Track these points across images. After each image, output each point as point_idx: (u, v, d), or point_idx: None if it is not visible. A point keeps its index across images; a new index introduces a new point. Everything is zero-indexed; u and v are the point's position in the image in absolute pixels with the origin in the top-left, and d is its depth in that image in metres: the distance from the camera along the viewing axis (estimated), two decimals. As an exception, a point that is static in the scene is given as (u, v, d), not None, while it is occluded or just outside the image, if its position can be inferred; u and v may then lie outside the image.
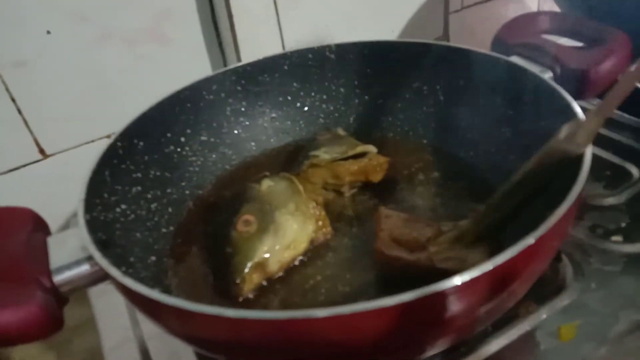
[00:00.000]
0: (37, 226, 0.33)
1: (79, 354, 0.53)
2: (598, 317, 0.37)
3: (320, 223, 0.41)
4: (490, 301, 0.26)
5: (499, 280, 0.25)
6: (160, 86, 0.47)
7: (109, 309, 0.44)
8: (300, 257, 0.40)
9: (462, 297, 0.25)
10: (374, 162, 0.46)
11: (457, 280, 0.23)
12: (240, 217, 0.39)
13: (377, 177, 0.46)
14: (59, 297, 0.29)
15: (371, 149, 0.47)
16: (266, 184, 0.42)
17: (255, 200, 0.41)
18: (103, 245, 0.32)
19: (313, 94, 0.54)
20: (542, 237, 0.25)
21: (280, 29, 0.60)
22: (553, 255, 0.30)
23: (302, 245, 0.39)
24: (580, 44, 0.48)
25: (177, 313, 0.25)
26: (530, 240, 0.25)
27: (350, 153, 0.46)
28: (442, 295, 0.24)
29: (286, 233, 0.38)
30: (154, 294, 0.25)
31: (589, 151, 0.31)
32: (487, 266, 0.24)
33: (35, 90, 0.52)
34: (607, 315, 0.37)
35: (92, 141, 0.57)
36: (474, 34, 0.78)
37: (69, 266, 0.30)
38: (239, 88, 0.51)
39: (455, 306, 0.25)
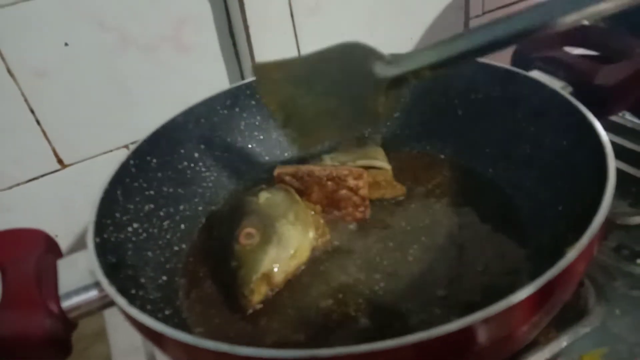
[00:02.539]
0: (49, 248, 0.33)
1: (95, 361, 0.54)
2: (624, 345, 0.35)
3: (319, 231, 0.41)
4: (510, 335, 0.25)
5: (520, 314, 0.24)
6: (179, 95, 0.47)
7: (122, 322, 0.44)
8: (302, 266, 0.40)
9: (480, 333, 0.24)
10: (371, 178, 0.45)
11: (475, 317, 0.22)
12: (242, 230, 0.39)
13: (373, 194, 0.45)
14: (67, 323, 0.29)
15: (377, 164, 0.46)
16: (264, 196, 0.42)
17: (255, 212, 0.41)
18: (113, 268, 0.32)
19: (328, 107, 0.53)
20: (565, 270, 0.24)
21: (296, 38, 0.59)
22: (576, 285, 0.29)
23: (305, 253, 0.39)
24: (605, 57, 0.46)
25: (181, 346, 0.25)
26: (552, 272, 0.24)
27: (359, 163, 0.46)
28: (454, 335, 0.23)
29: (289, 242, 0.38)
30: (158, 326, 0.25)
31: (612, 170, 0.30)
32: (508, 302, 0.23)
33: (54, 101, 0.52)
34: (634, 344, 0.35)
35: (111, 151, 0.57)
36: (496, 40, 0.76)
37: (77, 291, 0.30)
38: (253, 102, 0.51)
39: (471, 342, 0.24)
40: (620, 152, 0.50)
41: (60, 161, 0.55)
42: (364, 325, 0.35)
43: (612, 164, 0.31)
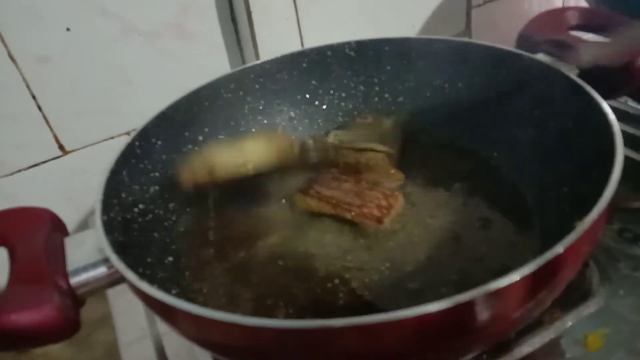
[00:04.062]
0: (55, 227, 0.33)
1: (98, 348, 0.54)
2: (627, 325, 0.36)
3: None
4: (516, 311, 0.26)
5: (526, 290, 0.24)
6: (180, 82, 0.47)
7: (127, 307, 0.44)
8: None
9: (485, 308, 0.24)
10: (365, 160, 0.46)
11: (482, 291, 0.22)
12: None
13: (367, 178, 0.46)
14: (76, 300, 0.29)
15: (378, 147, 0.46)
16: None
17: None
18: (120, 246, 0.32)
19: (332, 91, 0.53)
20: (572, 246, 0.24)
21: (299, 25, 0.59)
22: (582, 263, 0.29)
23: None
24: (608, 40, 0.46)
25: (193, 319, 0.25)
26: (559, 249, 0.24)
27: (356, 145, 0.46)
28: (457, 309, 0.23)
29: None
30: (169, 299, 0.25)
31: (620, 154, 0.30)
32: (514, 277, 0.23)
33: (56, 87, 0.52)
34: (637, 323, 0.35)
35: (112, 138, 0.57)
36: (497, 29, 0.77)
37: (85, 268, 0.29)
38: (257, 86, 0.51)
39: (476, 318, 0.24)
40: (623, 138, 0.50)
41: (61, 147, 0.55)
42: (370, 304, 0.35)
43: (620, 139, 0.31)
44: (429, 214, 0.42)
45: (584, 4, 0.58)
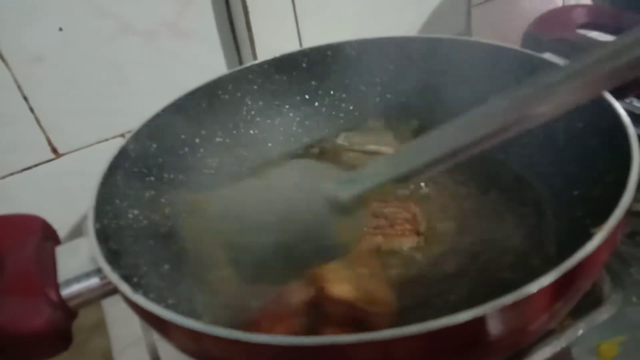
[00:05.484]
0: (46, 235, 0.31)
1: (93, 355, 0.53)
2: (642, 333, 0.34)
3: None
4: (530, 324, 0.24)
5: (543, 302, 0.23)
6: (177, 82, 0.46)
7: (121, 314, 0.43)
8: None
9: (501, 321, 0.22)
10: None
11: (498, 304, 0.21)
12: None
13: None
14: (67, 312, 0.28)
15: (390, 151, 0.45)
16: None
17: None
18: (114, 255, 0.30)
19: (332, 92, 0.52)
20: (591, 255, 0.23)
21: (297, 25, 0.58)
22: (599, 272, 0.27)
23: None
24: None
25: (190, 334, 0.23)
26: (578, 257, 0.23)
27: (367, 148, 0.46)
28: (469, 325, 0.21)
29: None
30: (165, 313, 0.24)
31: (637, 157, 0.29)
32: (530, 289, 0.22)
33: (49, 88, 0.51)
34: (652, 332, 0.34)
35: (106, 140, 0.56)
36: (498, 29, 0.76)
37: (77, 278, 0.28)
38: (255, 87, 0.49)
39: (491, 332, 0.23)
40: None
41: (54, 150, 0.54)
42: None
43: (635, 142, 0.30)
44: (435, 218, 0.40)
45: (588, 2, 0.57)
